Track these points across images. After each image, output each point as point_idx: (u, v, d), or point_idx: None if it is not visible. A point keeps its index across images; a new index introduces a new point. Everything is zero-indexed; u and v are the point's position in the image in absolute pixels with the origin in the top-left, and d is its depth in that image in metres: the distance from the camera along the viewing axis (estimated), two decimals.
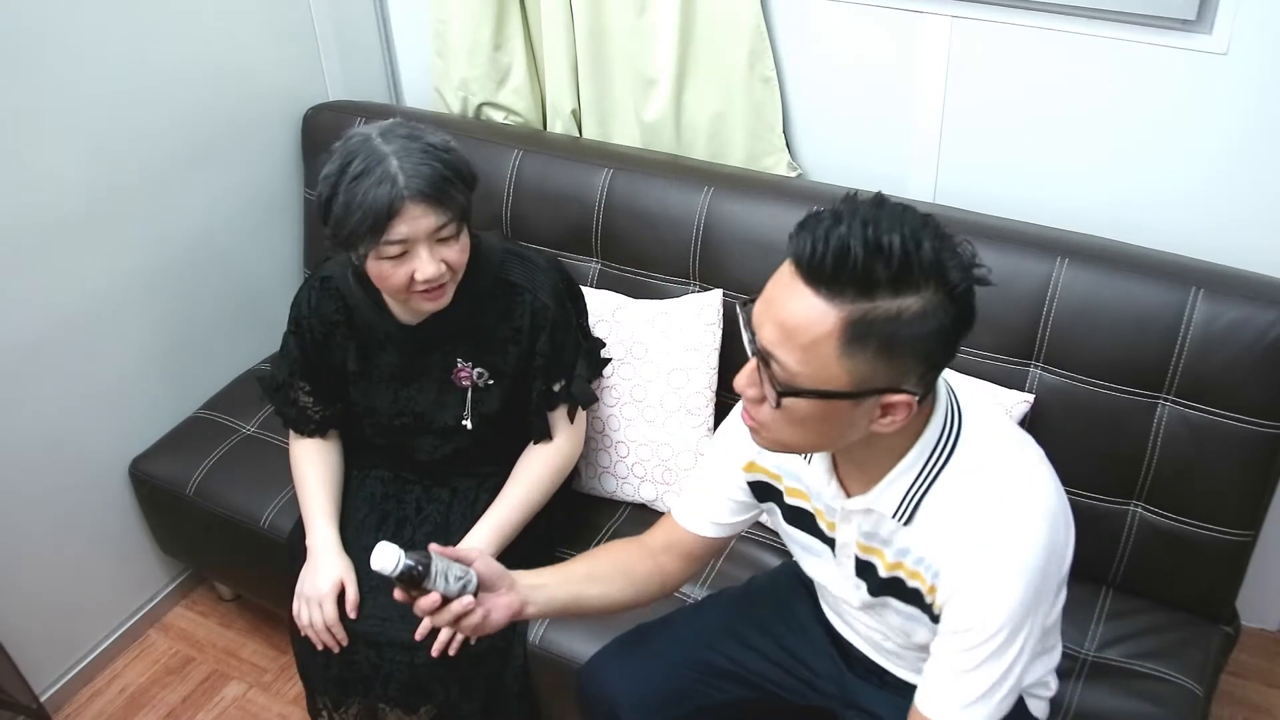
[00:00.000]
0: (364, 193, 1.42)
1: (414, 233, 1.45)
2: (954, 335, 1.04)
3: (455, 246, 1.50)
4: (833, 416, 1.08)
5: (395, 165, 1.43)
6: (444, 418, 1.68)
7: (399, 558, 1.19)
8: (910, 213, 1.04)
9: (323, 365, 1.70)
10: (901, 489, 1.15)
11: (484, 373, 1.65)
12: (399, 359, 1.67)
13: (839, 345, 1.02)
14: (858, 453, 1.17)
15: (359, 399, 1.71)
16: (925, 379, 1.07)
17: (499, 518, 1.66)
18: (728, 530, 1.39)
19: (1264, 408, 1.50)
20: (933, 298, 1.01)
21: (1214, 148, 1.64)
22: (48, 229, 1.83)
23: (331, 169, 1.46)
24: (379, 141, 1.45)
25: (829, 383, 1.04)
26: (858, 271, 1.00)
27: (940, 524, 1.15)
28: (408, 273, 1.47)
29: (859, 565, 1.26)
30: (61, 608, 2.04)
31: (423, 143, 1.46)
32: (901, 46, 1.80)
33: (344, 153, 1.46)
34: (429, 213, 1.44)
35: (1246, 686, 1.97)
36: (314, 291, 1.68)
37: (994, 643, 1.11)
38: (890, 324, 1.01)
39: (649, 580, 1.41)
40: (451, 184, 1.46)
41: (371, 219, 1.42)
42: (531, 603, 1.33)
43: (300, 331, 1.70)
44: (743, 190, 1.85)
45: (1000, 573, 1.10)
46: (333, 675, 1.63)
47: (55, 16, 1.74)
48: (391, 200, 1.41)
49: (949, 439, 1.14)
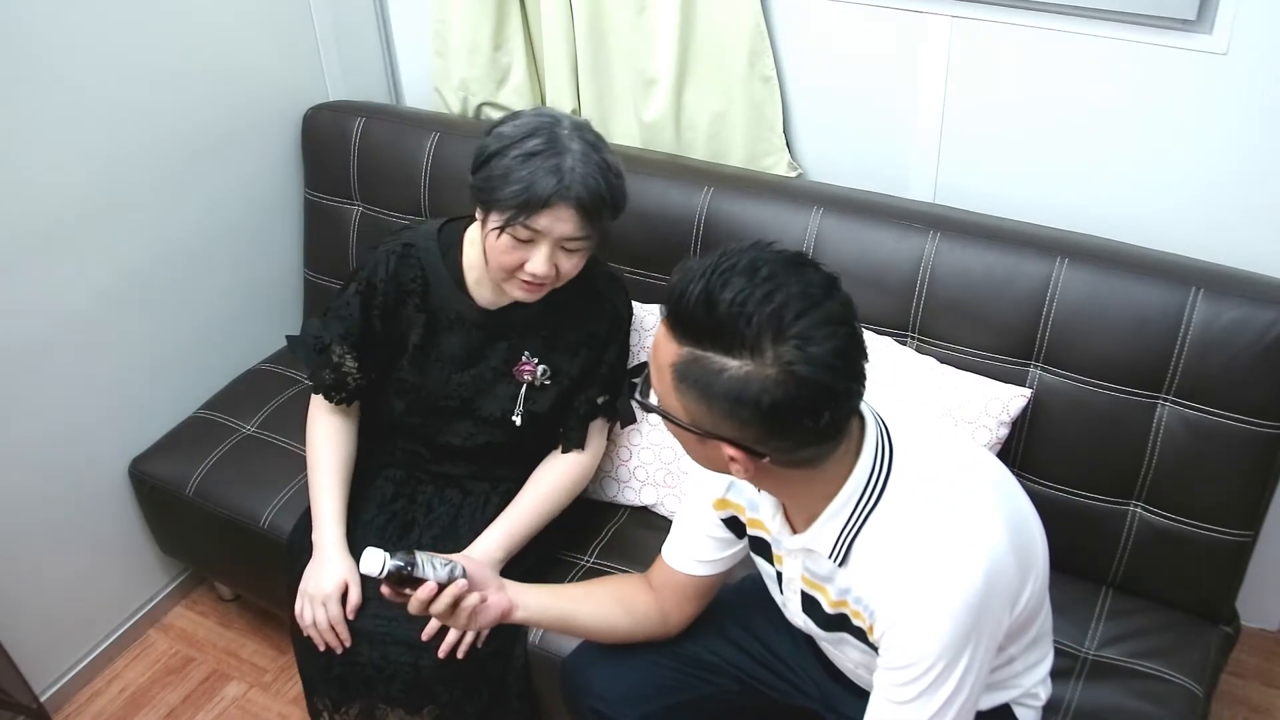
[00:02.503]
0: (531, 172, 1.44)
1: (550, 229, 1.47)
2: (779, 415, 1.01)
3: (574, 259, 1.53)
4: (687, 444, 1.12)
5: (569, 163, 1.45)
6: (491, 408, 1.67)
7: (384, 559, 1.24)
8: (792, 280, 1.00)
9: (383, 333, 1.66)
10: (835, 529, 1.16)
11: (547, 370, 1.66)
12: (464, 342, 1.65)
13: (672, 379, 1.05)
14: (788, 491, 1.19)
15: (409, 374, 1.67)
16: (769, 445, 1.05)
17: (510, 522, 1.66)
18: (715, 567, 1.39)
19: (1264, 408, 1.50)
20: (759, 369, 0.99)
21: (1214, 147, 1.64)
22: (48, 229, 1.83)
23: (510, 131, 1.48)
24: (566, 133, 1.47)
25: (672, 409, 1.08)
26: (689, 317, 1.01)
27: (874, 564, 1.15)
28: (520, 260, 1.49)
29: (805, 600, 1.28)
30: (61, 608, 2.04)
31: (601, 157, 1.49)
32: (902, 46, 1.80)
33: (530, 125, 1.48)
34: (573, 220, 1.47)
35: (1246, 686, 1.97)
36: (394, 256, 1.64)
37: (928, 677, 1.11)
38: (709, 377, 1.01)
39: (648, 615, 1.42)
40: (606, 205, 1.49)
41: (525, 199, 1.44)
42: (520, 606, 1.35)
43: (370, 294, 1.64)
44: (743, 190, 1.85)
45: (929, 610, 1.10)
46: (335, 675, 1.63)
47: (55, 17, 1.74)
48: (552, 193, 1.44)
49: (878, 480, 1.14)
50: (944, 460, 1.19)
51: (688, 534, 1.39)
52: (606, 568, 1.77)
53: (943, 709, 1.12)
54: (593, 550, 1.81)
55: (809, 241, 1.76)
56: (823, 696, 1.45)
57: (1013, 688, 1.33)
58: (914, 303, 1.69)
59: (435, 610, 1.29)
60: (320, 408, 1.72)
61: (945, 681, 1.11)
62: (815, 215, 1.77)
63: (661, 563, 1.42)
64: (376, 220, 2.16)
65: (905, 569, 1.12)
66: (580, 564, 1.79)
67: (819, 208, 1.77)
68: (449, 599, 1.28)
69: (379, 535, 1.69)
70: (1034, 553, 1.20)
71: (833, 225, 1.75)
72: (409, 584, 1.27)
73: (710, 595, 1.44)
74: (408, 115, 2.25)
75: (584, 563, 1.79)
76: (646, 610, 1.42)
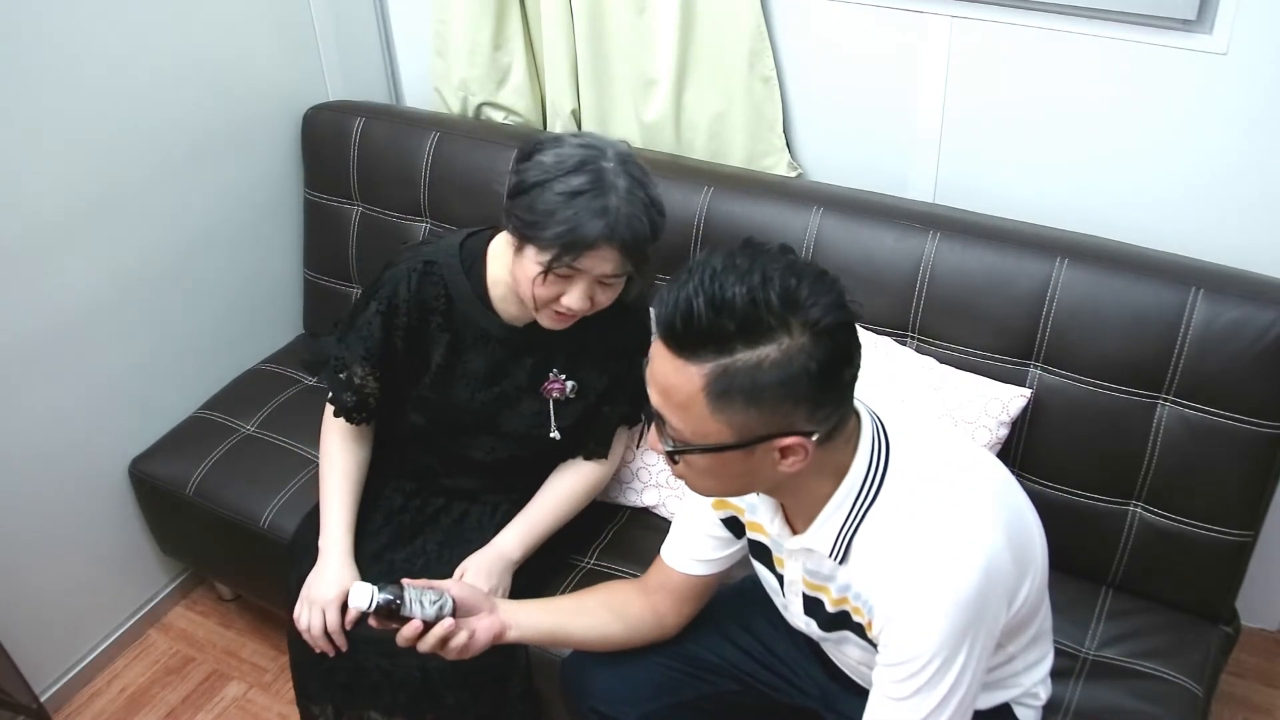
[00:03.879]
0: (576, 213, 1.40)
1: (591, 269, 1.45)
2: (827, 375, 1.03)
3: (610, 293, 1.51)
4: (730, 467, 1.09)
5: (615, 204, 1.41)
6: (515, 425, 1.65)
7: (373, 593, 1.25)
8: (765, 257, 1.03)
9: (405, 352, 1.62)
10: (834, 528, 1.17)
11: (575, 385, 1.64)
12: (489, 360, 1.63)
13: (707, 403, 1.03)
14: (789, 493, 1.19)
15: (431, 392, 1.64)
16: (816, 417, 1.06)
17: (530, 521, 1.65)
18: (714, 567, 1.39)
19: (1264, 408, 1.50)
20: (794, 342, 1.01)
21: (1214, 147, 1.64)
22: (48, 229, 1.83)
23: (553, 163, 1.43)
24: (611, 168, 1.43)
25: (711, 437, 1.06)
26: (706, 330, 1.01)
27: (873, 560, 1.16)
28: (556, 293, 1.47)
29: (807, 602, 1.28)
30: (61, 607, 2.04)
31: (646, 194, 1.45)
32: (902, 46, 1.80)
33: (575, 159, 1.43)
34: (615, 260, 1.45)
35: (1246, 686, 1.97)
36: (415, 274, 1.59)
37: (926, 673, 1.11)
38: (750, 375, 1.01)
39: (642, 619, 1.42)
40: (649, 244, 1.47)
41: (568, 240, 1.41)
42: (513, 626, 1.36)
43: (392, 313, 1.59)
44: (743, 190, 1.85)
45: (926, 605, 1.10)
46: (339, 683, 1.62)
47: (54, 17, 1.74)
48: (598, 237, 1.41)
49: (875, 477, 1.15)
50: (941, 457, 1.20)
51: (687, 533, 1.39)
52: (607, 568, 1.77)
53: (941, 705, 1.12)
54: (593, 551, 1.81)
55: (809, 241, 1.76)
56: (822, 696, 1.45)
57: (1012, 687, 1.33)
58: (914, 303, 1.69)
59: (422, 648, 1.30)
60: (337, 421, 1.69)
61: (943, 677, 1.11)
62: (815, 215, 1.77)
63: (660, 563, 1.42)
64: (376, 220, 2.16)
65: (903, 565, 1.12)
66: (581, 565, 1.79)
67: (819, 208, 1.77)
68: (435, 638, 1.29)
69: (385, 545, 1.68)
70: (1031, 550, 1.20)
71: (833, 225, 1.75)
72: (397, 619, 1.28)
73: (708, 596, 1.44)
74: (408, 115, 2.25)
75: (585, 564, 1.79)
76: (640, 615, 1.42)
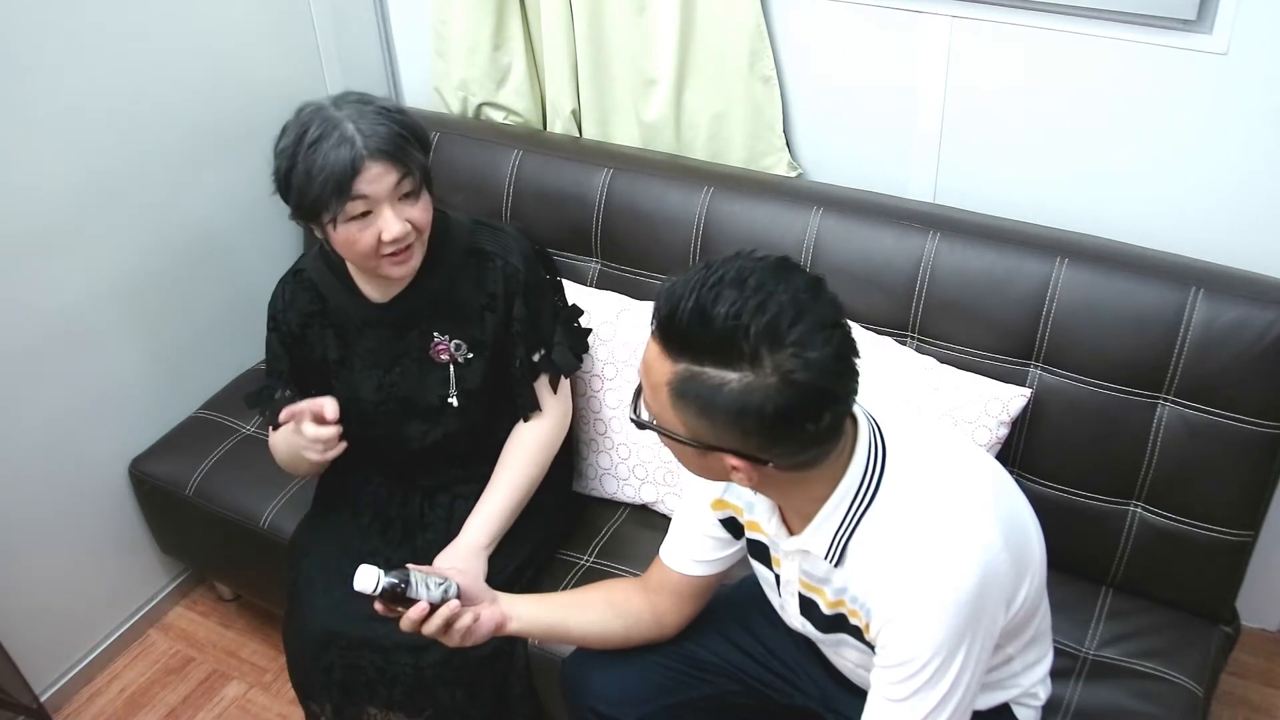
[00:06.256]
0: (323, 155, 1.44)
1: (376, 191, 1.46)
2: (783, 421, 1.02)
3: (419, 205, 1.52)
4: (687, 459, 1.12)
5: (352, 128, 1.45)
6: (428, 398, 1.66)
7: (379, 576, 1.25)
8: (782, 285, 1.00)
9: (304, 360, 1.69)
10: (830, 531, 1.17)
11: (462, 344, 1.65)
12: (377, 343, 1.66)
13: (669, 396, 1.05)
14: (786, 495, 1.19)
15: (342, 390, 1.67)
16: (773, 451, 1.05)
17: (490, 506, 1.65)
18: (713, 567, 1.39)
19: (1264, 408, 1.50)
20: (759, 379, 1.00)
21: (1214, 147, 1.64)
22: (47, 229, 1.83)
23: (288, 141, 1.49)
24: (332, 109, 1.48)
25: (670, 425, 1.08)
26: (684, 334, 1.02)
27: (869, 563, 1.16)
28: (374, 234, 1.49)
29: (802, 602, 1.28)
30: (62, 607, 2.04)
31: (375, 105, 1.50)
32: (902, 46, 1.79)
33: (298, 123, 1.49)
34: (390, 170, 1.47)
35: (1246, 686, 1.97)
36: (287, 286, 1.69)
37: (924, 674, 1.11)
38: (710, 391, 1.02)
39: (641, 618, 1.42)
40: (409, 142, 1.49)
41: (335, 180, 1.44)
42: (514, 618, 1.37)
43: (278, 328, 1.69)
44: (743, 190, 1.85)
45: (924, 607, 1.10)
46: (337, 680, 1.62)
47: (54, 17, 1.74)
48: (352, 159, 1.44)
49: (871, 481, 1.15)
50: (938, 459, 1.20)
51: (686, 534, 1.39)
52: (606, 566, 1.77)
53: (939, 706, 1.12)
54: (592, 549, 1.81)
55: (809, 242, 1.76)
56: (822, 696, 1.45)
57: (1012, 687, 1.33)
58: (914, 303, 1.69)
59: (428, 630, 1.30)
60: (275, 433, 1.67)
61: (941, 678, 1.11)
62: (815, 215, 1.77)
63: (659, 563, 1.42)
64: None
65: (900, 567, 1.12)
66: (580, 563, 1.79)
67: (819, 208, 1.77)
68: (441, 620, 1.29)
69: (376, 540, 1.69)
70: (1030, 551, 1.20)
71: (832, 225, 1.75)
72: (402, 602, 1.28)
73: (708, 596, 1.44)
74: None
75: (584, 562, 1.79)
76: (639, 614, 1.42)
